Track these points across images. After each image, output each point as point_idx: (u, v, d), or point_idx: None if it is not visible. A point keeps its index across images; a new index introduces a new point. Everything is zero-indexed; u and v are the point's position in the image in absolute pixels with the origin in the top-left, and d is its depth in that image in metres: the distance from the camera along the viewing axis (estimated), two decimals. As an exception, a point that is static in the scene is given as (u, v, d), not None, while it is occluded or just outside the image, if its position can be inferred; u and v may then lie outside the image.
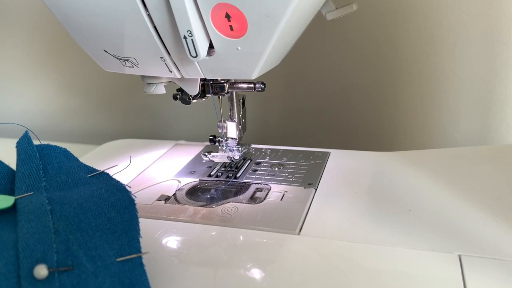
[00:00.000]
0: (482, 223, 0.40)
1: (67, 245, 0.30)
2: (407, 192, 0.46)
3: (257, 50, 0.37)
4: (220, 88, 0.47)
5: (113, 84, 0.84)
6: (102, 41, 0.40)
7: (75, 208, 0.33)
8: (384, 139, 0.73)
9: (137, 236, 0.33)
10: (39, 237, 0.30)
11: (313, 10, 0.42)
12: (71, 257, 0.30)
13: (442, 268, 0.34)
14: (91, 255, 0.31)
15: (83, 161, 0.40)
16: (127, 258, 0.32)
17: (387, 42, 0.67)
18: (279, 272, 0.35)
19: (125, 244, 0.33)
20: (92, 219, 0.33)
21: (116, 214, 0.34)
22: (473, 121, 0.68)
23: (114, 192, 0.36)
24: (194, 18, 0.35)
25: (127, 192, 0.36)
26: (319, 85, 0.73)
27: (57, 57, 0.85)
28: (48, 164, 0.38)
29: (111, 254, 0.31)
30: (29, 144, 0.39)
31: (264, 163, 0.56)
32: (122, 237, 0.33)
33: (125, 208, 0.34)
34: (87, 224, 0.32)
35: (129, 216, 0.34)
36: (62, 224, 0.31)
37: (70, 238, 0.31)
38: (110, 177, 0.38)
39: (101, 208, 0.34)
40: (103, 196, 0.35)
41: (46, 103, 0.90)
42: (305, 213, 0.43)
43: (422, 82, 0.68)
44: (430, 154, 0.55)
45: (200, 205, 0.46)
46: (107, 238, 0.32)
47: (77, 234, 0.31)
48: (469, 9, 0.62)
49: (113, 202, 0.35)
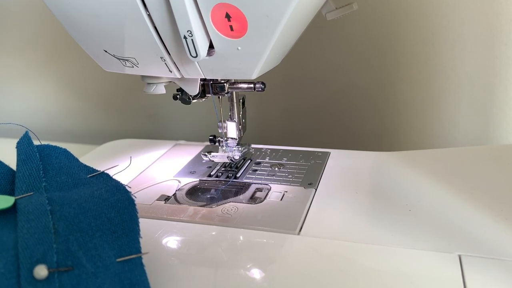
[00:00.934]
0: (482, 223, 0.40)
1: (67, 246, 0.30)
2: (407, 192, 0.46)
3: (257, 50, 0.37)
4: (220, 88, 0.47)
5: (113, 84, 0.84)
6: (102, 41, 0.40)
7: (75, 209, 0.33)
8: (384, 139, 0.73)
9: (137, 237, 0.33)
10: (39, 238, 0.30)
11: (313, 10, 0.42)
12: (71, 258, 0.30)
13: (442, 268, 0.34)
14: (91, 255, 0.31)
15: (83, 161, 0.40)
16: (127, 258, 0.32)
17: (387, 42, 0.67)
18: (279, 272, 0.35)
19: (125, 244, 0.33)
20: (92, 219, 0.33)
21: (116, 215, 0.34)
22: (473, 121, 0.68)
23: (114, 192, 0.36)
24: (194, 18, 0.35)
25: (127, 193, 0.36)
26: (319, 85, 0.73)
27: (57, 57, 0.85)
28: (48, 165, 0.38)
29: (111, 254, 0.31)
30: (29, 144, 0.39)
31: (264, 163, 0.56)
32: (122, 237, 0.33)
33: (125, 209, 0.34)
34: (87, 225, 0.32)
35: (129, 216, 0.34)
36: (62, 224, 0.31)
37: (70, 239, 0.31)
38: (110, 178, 0.38)
39: (101, 208, 0.34)
40: (103, 197, 0.35)
41: (46, 103, 0.90)
42: (305, 213, 0.43)
43: (422, 82, 0.68)
44: (430, 154, 0.55)
45: (200, 205, 0.46)
46: (107, 238, 0.32)
47: (77, 234, 0.31)
48: (469, 9, 0.62)
49: (113, 203, 0.34)
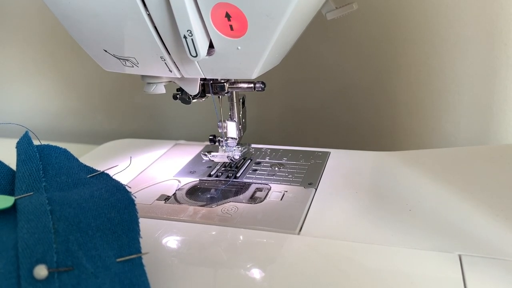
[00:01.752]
0: (482, 223, 0.40)
1: (67, 246, 0.30)
2: (407, 192, 0.46)
3: (257, 50, 0.37)
4: (220, 88, 0.47)
5: (113, 84, 0.84)
6: (102, 41, 0.40)
7: (75, 209, 0.33)
8: (384, 139, 0.73)
9: (137, 237, 0.33)
10: (39, 237, 0.30)
11: (313, 10, 0.42)
12: (71, 258, 0.30)
13: (442, 268, 0.34)
14: (91, 255, 0.31)
15: (83, 161, 0.40)
16: (127, 259, 0.32)
17: (387, 42, 0.67)
18: (279, 272, 0.35)
19: (125, 244, 0.33)
20: (92, 219, 0.33)
21: (116, 215, 0.34)
22: (473, 121, 0.68)
23: (114, 192, 0.36)
24: (194, 17, 0.35)
25: (127, 193, 0.36)
26: (319, 85, 0.73)
27: (57, 57, 0.85)
28: (48, 165, 0.38)
29: (111, 254, 0.31)
30: (29, 144, 0.39)
31: (264, 163, 0.56)
32: (122, 237, 0.33)
33: (125, 209, 0.34)
34: (87, 225, 0.32)
35: (129, 216, 0.34)
36: (62, 224, 0.31)
37: (70, 239, 0.31)
38: (110, 178, 0.38)
39: (101, 208, 0.34)
40: (103, 197, 0.35)
41: (46, 103, 0.90)
42: (305, 213, 0.43)
43: (422, 82, 0.68)
44: (430, 154, 0.55)
45: (200, 205, 0.46)
46: (107, 238, 0.32)
47: (77, 234, 0.31)
48: (469, 9, 0.62)
49: (113, 202, 0.34)
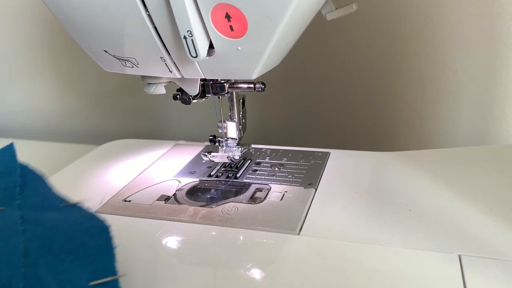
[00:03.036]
0: (482, 223, 0.40)
1: (36, 270, 0.29)
2: (407, 192, 0.46)
3: (257, 50, 0.37)
4: (220, 88, 0.47)
5: (113, 84, 0.84)
6: (102, 41, 0.40)
7: (48, 229, 0.32)
8: (384, 139, 0.73)
9: (112, 260, 0.32)
10: (7, 260, 0.29)
11: (313, 10, 0.42)
12: (39, 283, 0.29)
13: (442, 268, 0.34)
14: (61, 279, 0.30)
15: (83, 161, 0.40)
16: (101, 282, 0.31)
17: (387, 42, 0.67)
18: (279, 272, 0.35)
19: (99, 268, 0.32)
20: (65, 241, 0.32)
21: (90, 239, 0.33)
22: (473, 121, 0.68)
23: (89, 219, 0.35)
24: (194, 18, 0.35)
25: (101, 221, 0.35)
26: (319, 85, 0.73)
27: (57, 57, 0.85)
28: (25, 184, 0.37)
29: (84, 278, 0.30)
30: (12, 157, 0.38)
31: (264, 163, 0.56)
32: (96, 260, 0.32)
33: (99, 234, 0.34)
34: (59, 247, 0.31)
35: (104, 241, 0.33)
36: (33, 245, 0.30)
37: (40, 261, 0.30)
38: (83, 210, 0.37)
39: (75, 232, 0.33)
40: (78, 222, 0.34)
41: (46, 103, 0.90)
42: (305, 213, 0.43)
43: (422, 82, 0.68)
44: (430, 154, 0.55)
45: (200, 205, 0.46)
46: (79, 262, 0.31)
47: (48, 257, 0.30)
48: (469, 9, 0.62)
49: (87, 228, 0.34)
